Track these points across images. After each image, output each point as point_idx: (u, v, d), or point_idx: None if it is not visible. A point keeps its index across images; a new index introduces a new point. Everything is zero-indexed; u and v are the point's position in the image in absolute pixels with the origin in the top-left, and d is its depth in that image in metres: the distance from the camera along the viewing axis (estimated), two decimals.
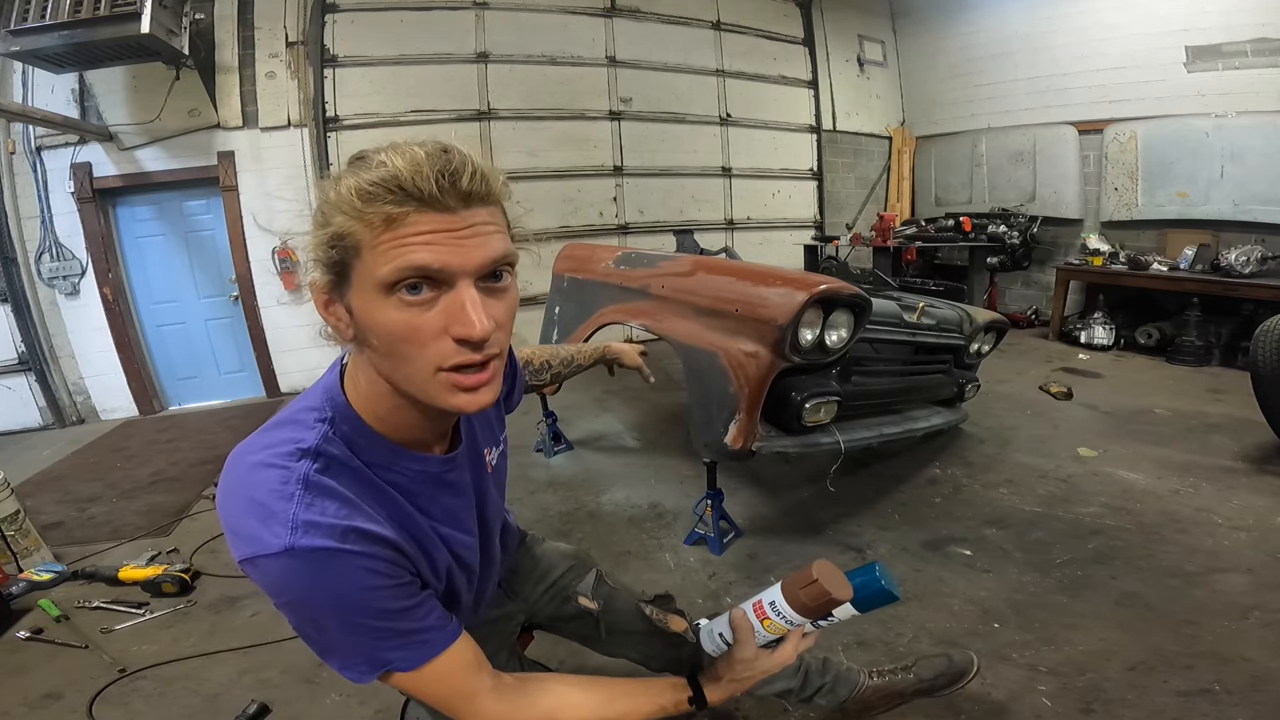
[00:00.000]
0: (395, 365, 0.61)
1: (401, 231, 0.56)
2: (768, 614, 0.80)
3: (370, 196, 0.55)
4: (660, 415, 3.74)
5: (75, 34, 3.33)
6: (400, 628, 0.67)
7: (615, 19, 5.49)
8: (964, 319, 2.76)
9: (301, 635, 0.66)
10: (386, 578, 0.64)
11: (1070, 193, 5.55)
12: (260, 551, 0.59)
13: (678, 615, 1.09)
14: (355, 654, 0.66)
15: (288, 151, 4.51)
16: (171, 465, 3.40)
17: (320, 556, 0.59)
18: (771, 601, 0.80)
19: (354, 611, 0.63)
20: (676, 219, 5.87)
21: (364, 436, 0.68)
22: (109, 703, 1.63)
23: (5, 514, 2.20)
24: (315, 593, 0.61)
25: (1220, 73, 4.53)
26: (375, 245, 0.56)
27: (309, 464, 0.63)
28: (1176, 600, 1.81)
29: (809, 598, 0.77)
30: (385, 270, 0.56)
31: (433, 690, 0.71)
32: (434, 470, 0.75)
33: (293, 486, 0.61)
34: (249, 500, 0.62)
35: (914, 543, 2.22)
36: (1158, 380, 4.02)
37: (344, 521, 0.61)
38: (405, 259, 0.56)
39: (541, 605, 1.14)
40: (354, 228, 0.56)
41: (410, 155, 0.55)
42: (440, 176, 0.55)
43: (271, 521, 0.59)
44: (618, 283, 2.59)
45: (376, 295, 0.58)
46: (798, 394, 2.01)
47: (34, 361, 4.22)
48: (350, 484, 0.65)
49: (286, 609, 0.63)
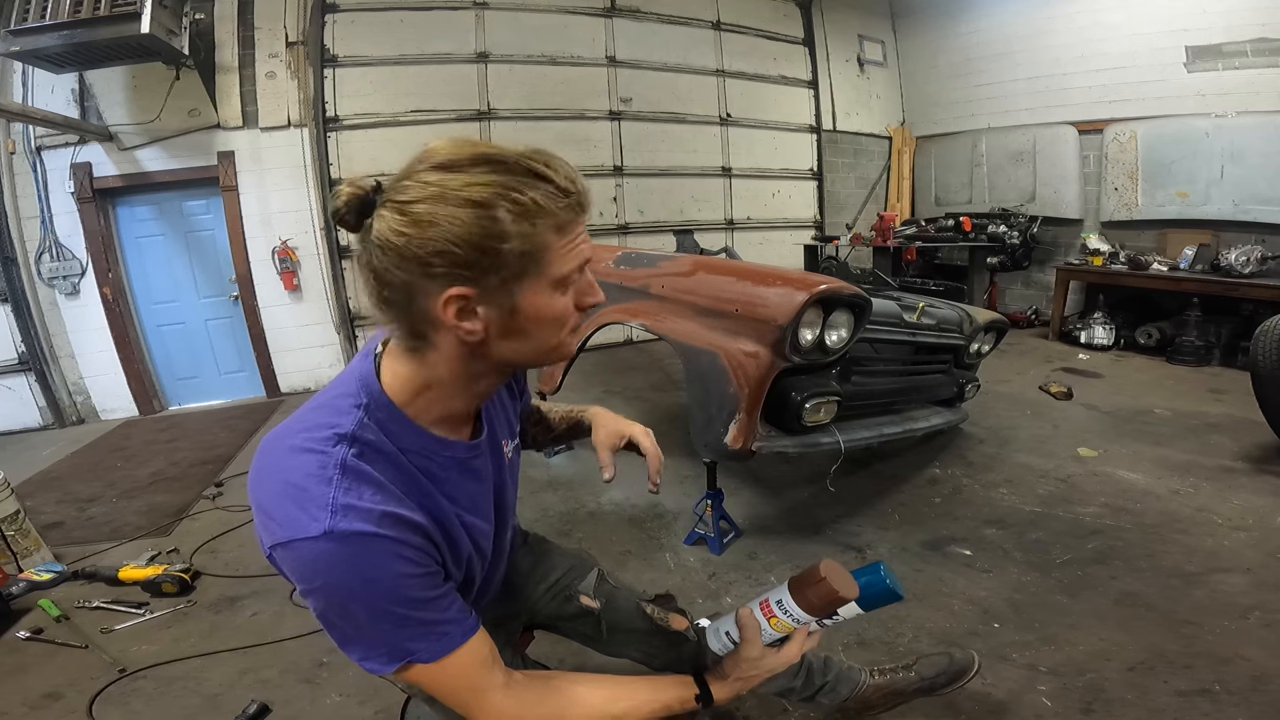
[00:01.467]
0: (538, 343, 0.68)
1: (574, 235, 0.65)
2: (775, 613, 0.81)
3: (566, 206, 0.63)
4: (660, 415, 3.74)
5: (75, 34, 3.34)
6: (425, 617, 0.67)
7: (615, 19, 5.49)
8: (964, 319, 2.76)
9: (324, 623, 0.66)
10: (417, 565, 0.66)
11: (1070, 193, 5.55)
12: (297, 535, 0.60)
13: (679, 614, 1.09)
14: (378, 643, 0.67)
15: (288, 151, 4.52)
16: (171, 465, 3.40)
17: (357, 540, 0.61)
18: (779, 600, 0.81)
19: (383, 598, 0.64)
20: (676, 219, 5.87)
21: (397, 422, 0.69)
22: (109, 703, 1.62)
23: (5, 514, 2.20)
24: (348, 577, 0.62)
25: (1220, 73, 4.53)
26: (560, 249, 0.64)
27: (346, 449, 0.64)
28: (1176, 600, 1.81)
29: (817, 596, 0.78)
30: (568, 268, 0.65)
31: (448, 684, 0.72)
32: (461, 456, 0.77)
33: (331, 471, 0.62)
34: (285, 484, 0.63)
35: (914, 543, 2.22)
36: (1158, 380, 4.02)
37: (380, 506, 0.63)
38: (581, 255, 0.67)
39: (543, 604, 1.14)
40: (541, 234, 0.62)
41: (565, 170, 0.64)
42: (584, 187, 0.66)
43: (310, 505, 0.61)
44: (617, 282, 2.59)
45: (551, 290, 0.65)
46: (798, 394, 2.01)
47: (34, 361, 4.22)
48: (385, 469, 0.67)
49: (314, 595, 0.64)
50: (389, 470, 0.67)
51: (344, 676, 1.67)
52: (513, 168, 0.60)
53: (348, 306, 4.79)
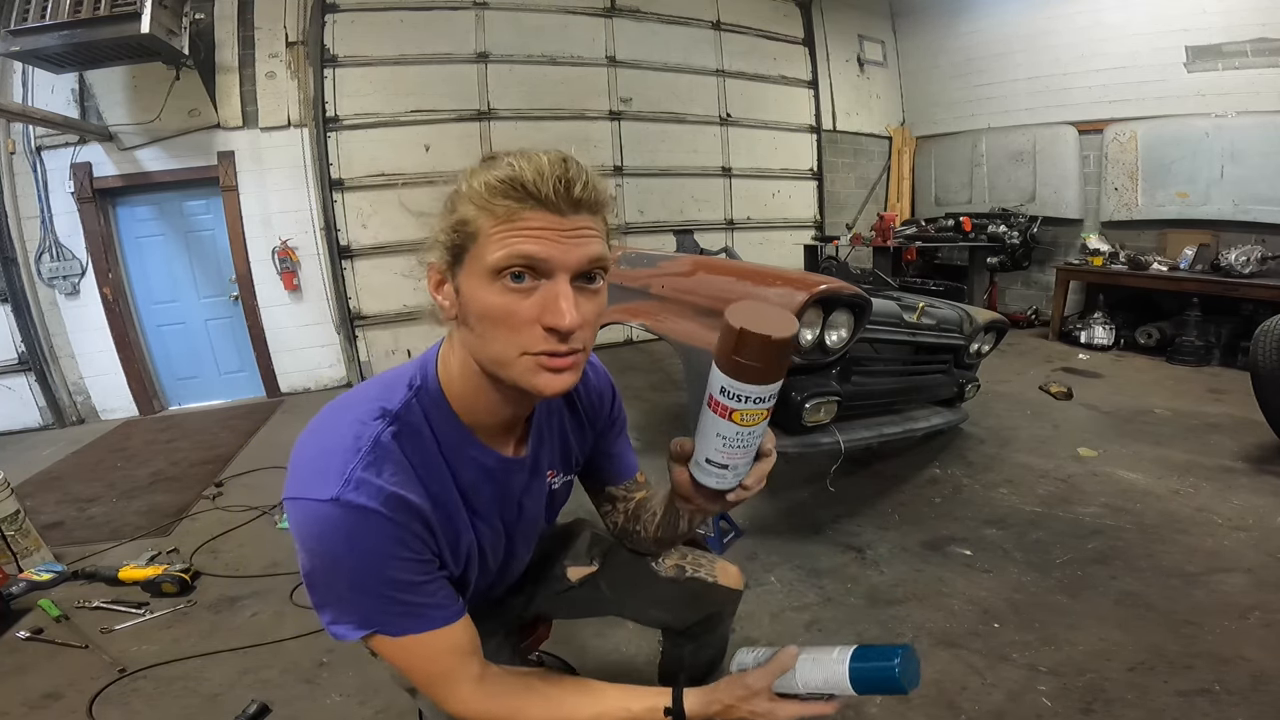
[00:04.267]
0: (486, 344, 0.66)
1: (516, 224, 0.62)
2: (716, 399, 0.63)
3: (496, 190, 0.62)
4: (660, 415, 3.74)
5: (75, 34, 3.33)
6: (407, 599, 0.69)
7: (615, 19, 5.49)
8: (964, 319, 2.76)
9: (307, 583, 0.69)
10: (410, 550, 0.68)
11: (1070, 193, 5.55)
12: (307, 494, 0.65)
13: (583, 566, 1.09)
14: (352, 612, 0.69)
15: (288, 151, 4.51)
16: (171, 465, 3.40)
17: (359, 514, 0.64)
18: (709, 384, 0.64)
19: (370, 574, 0.66)
20: (676, 219, 5.87)
21: (441, 411, 0.74)
22: (109, 703, 1.62)
23: (5, 514, 2.20)
24: (342, 546, 0.65)
25: (1220, 73, 4.54)
26: (492, 233, 0.63)
27: (385, 425, 0.69)
28: (1176, 600, 1.81)
29: (729, 345, 0.59)
30: (497, 255, 0.62)
31: (417, 665, 0.73)
32: (490, 465, 0.79)
33: (363, 443, 0.67)
34: (320, 446, 0.68)
35: (914, 543, 2.22)
36: (1158, 380, 4.02)
37: (392, 487, 0.66)
38: (516, 247, 0.62)
39: (538, 589, 1.12)
40: (477, 216, 0.64)
41: (536, 161, 0.63)
42: (558, 183, 0.62)
43: (330, 471, 0.65)
44: (618, 283, 2.59)
45: (484, 278, 0.64)
46: (798, 394, 2.01)
47: (34, 361, 4.22)
48: (415, 451, 0.71)
49: (307, 554, 0.67)
50: (418, 453, 0.71)
51: (344, 676, 1.67)
52: (500, 159, 0.65)
53: (348, 306, 4.79)
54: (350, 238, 4.76)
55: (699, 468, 0.69)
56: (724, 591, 1.07)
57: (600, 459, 1.02)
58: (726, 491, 0.70)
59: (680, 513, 0.84)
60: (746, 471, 0.70)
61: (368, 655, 0.80)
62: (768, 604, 1.91)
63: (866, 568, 2.09)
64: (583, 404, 0.95)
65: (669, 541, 0.95)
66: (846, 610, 1.87)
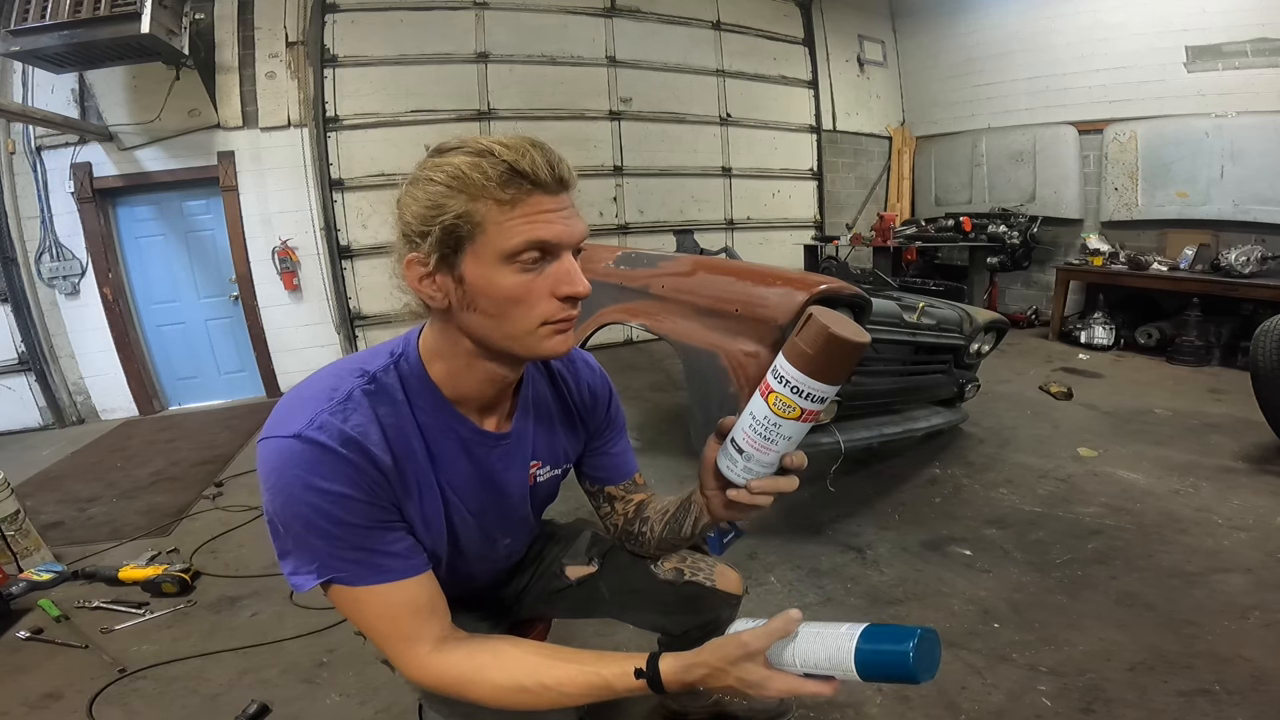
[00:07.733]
0: (501, 323, 0.70)
1: (526, 210, 0.66)
2: (772, 386, 0.65)
3: (501, 181, 0.65)
4: (660, 415, 3.74)
5: (75, 34, 3.33)
6: (360, 543, 0.70)
7: (615, 19, 5.49)
8: (964, 319, 2.76)
9: (270, 529, 0.71)
10: (364, 493, 0.70)
11: (1070, 193, 5.54)
12: (274, 433, 0.68)
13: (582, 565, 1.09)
14: (309, 558, 0.69)
15: (288, 151, 4.52)
16: (171, 465, 3.40)
17: (316, 449, 0.67)
18: (775, 367, 0.66)
19: (323, 513, 0.67)
20: (676, 219, 5.87)
21: (418, 378, 0.77)
22: (109, 703, 1.62)
23: (5, 514, 2.20)
24: (296, 480, 0.66)
25: (1220, 73, 4.53)
26: (502, 222, 0.66)
27: (360, 381, 0.73)
28: (1176, 600, 1.80)
29: (807, 342, 0.62)
30: (515, 242, 0.66)
31: (374, 623, 0.73)
32: (464, 434, 0.81)
33: (338, 395, 0.71)
34: (299, 396, 0.72)
35: (914, 543, 2.22)
36: (1158, 380, 4.02)
37: (353, 432, 0.69)
38: (533, 233, 0.66)
39: (531, 586, 1.11)
40: (479, 207, 0.66)
41: (520, 146, 0.66)
42: (548, 165, 0.66)
43: (300, 413, 0.69)
44: (617, 282, 2.59)
45: (497, 264, 0.67)
46: None
47: (34, 361, 4.22)
48: (386, 412, 0.73)
49: (268, 492, 0.68)
50: (390, 414, 0.73)
51: (344, 676, 1.67)
52: (474, 149, 0.67)
53: (348, 306, 4.79)
54: (350, 238, 4.76)
55: (724, 449, 0.74)
56: (722, 596, 1.07)
57: (600, 459, 1.01)
58: (735, 486, 0.74)
59: (690, 510, 0.88)
60: (760, 474, 0.72)
61: (368, 655, 0.79)
62: (768, 604, 1.91)
63: (866, 568, 2.09)
64: (574, 400, 0.95)
65: (671, 544, 0.96)
66: (847, 610, 1.87)
